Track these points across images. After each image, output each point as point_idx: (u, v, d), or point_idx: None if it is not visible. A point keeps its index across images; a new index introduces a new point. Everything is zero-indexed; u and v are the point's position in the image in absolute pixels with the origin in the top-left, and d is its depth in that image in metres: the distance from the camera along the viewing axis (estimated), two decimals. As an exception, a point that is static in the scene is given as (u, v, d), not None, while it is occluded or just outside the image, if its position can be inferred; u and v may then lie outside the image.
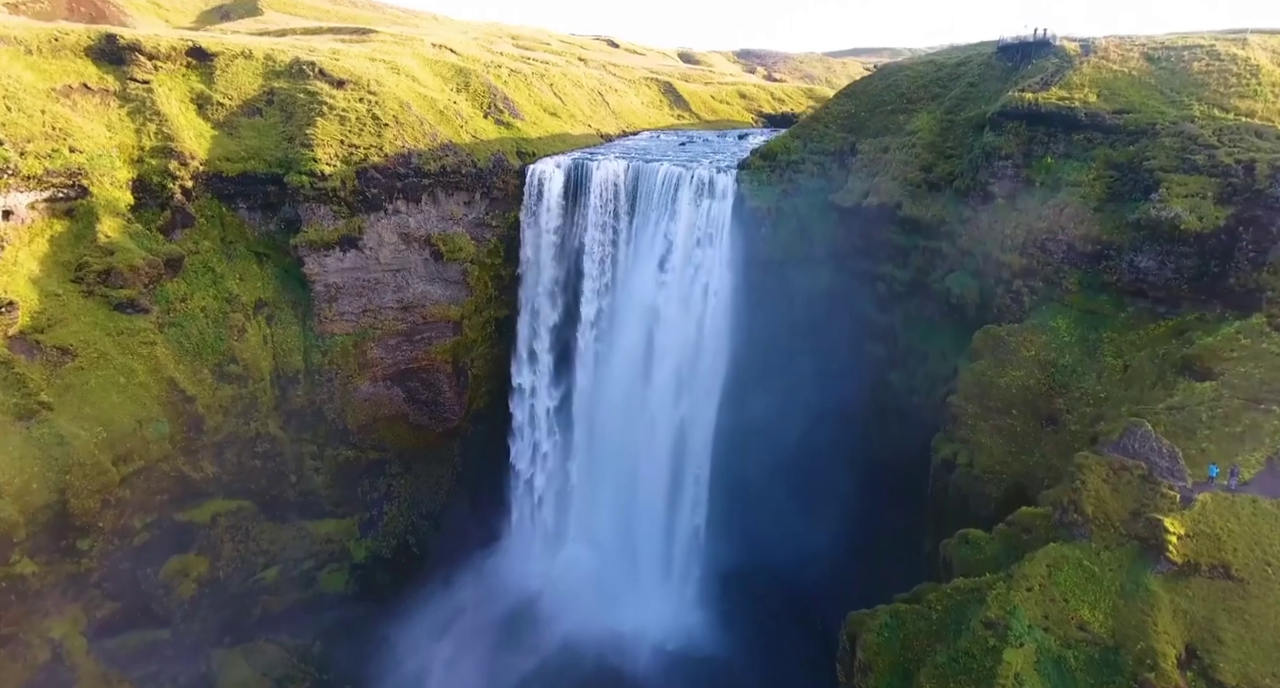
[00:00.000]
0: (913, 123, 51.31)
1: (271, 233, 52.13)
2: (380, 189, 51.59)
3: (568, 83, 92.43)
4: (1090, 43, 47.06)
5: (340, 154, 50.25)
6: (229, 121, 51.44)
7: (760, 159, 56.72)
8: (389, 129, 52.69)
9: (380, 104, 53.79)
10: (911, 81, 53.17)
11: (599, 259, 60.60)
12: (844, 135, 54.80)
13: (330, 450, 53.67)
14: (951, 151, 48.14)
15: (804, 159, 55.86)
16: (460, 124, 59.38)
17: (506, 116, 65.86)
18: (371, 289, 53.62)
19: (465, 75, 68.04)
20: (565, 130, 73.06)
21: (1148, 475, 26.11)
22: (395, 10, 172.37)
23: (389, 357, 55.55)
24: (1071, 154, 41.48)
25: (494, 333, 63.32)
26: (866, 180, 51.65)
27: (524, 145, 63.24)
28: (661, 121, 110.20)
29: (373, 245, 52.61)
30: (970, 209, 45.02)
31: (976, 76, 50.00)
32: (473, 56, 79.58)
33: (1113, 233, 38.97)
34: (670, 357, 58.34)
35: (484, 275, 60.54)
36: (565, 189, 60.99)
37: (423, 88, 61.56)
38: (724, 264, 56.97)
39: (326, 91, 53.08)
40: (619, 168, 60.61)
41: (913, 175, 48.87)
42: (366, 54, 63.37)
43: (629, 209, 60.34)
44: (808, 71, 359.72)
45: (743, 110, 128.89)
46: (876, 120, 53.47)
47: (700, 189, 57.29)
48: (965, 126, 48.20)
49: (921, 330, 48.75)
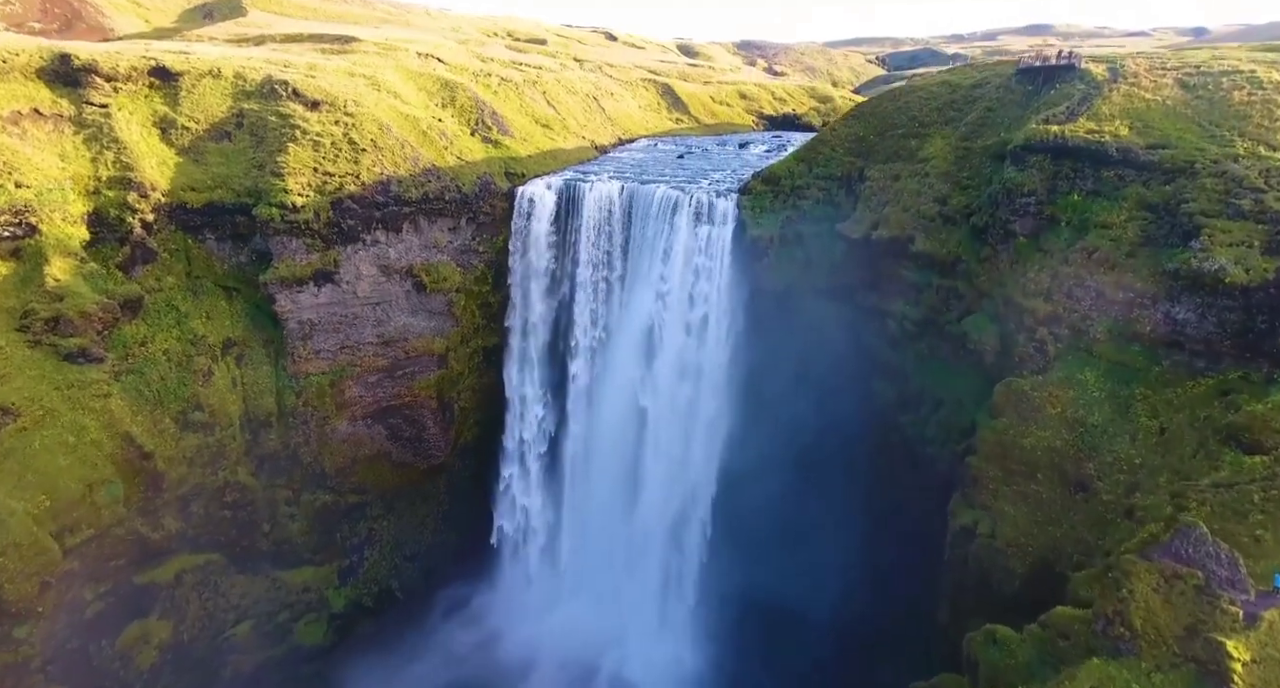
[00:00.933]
0: (925, 149, 48.09)
1: (242, 265, 48.85)
2: (357, 220, 48.30)
3: (561, 90, 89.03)
4: (1118, 66, 43.85)
5: (313, 183, 46.92)
6: (195, 147, 48.06)
7: (762, 184, 53.49)
8: (366, 154, 49.33)
9: (357, 127, 50.42)
10: (924, 104, 49.89)
11: (592, 286, 57.48)
12: (851, 160, 51.55)
13: (306, 496, 50.57)
14: (968, 182, 44.95)
15: (809, 185, 52.63)
16: (445, 145, 56.02)
17: (495, 133, 62.48)
18: (349, 325, 50.41)
19: (451, 89, 64.62)
20: (557, 145, 69.74)
21: (1204, 586, 23.11)
22: (386, 7, 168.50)
23: (369, 394, 52.39)
24: (1101, 192, 38.33)
25: (482, 363, 60.19)
26: (876, 210, 48.45)
27: (513, 165, 59.93)
28: (659, 126, 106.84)
29: (350, 279, 49.36)
30: (989, 247, 41.87)
31: (994, 101, 46.73)
32: (461, 65, 76.15)
33: (1147, 280, 35.88)
34: (668, 389, 55.41)
35: (471, 304, 57.38)
36: (556, 212, 57.84)
37: (405, 105, 58.15)
38: (724, 293, 53.89)
39: (300, 114, 49.67)
40: (613, 189, 57.43)
41: (926, 207, 45.68)
42: (346, 68, 59.92)
43: (623, 233, 57.22)
44: (809, 64, 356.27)
45: (743, 112, 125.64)
46: (887, 145, 50.21)
47: (699, 213, 54.18)
48: (983, 156, 45.00)
49: (935, 372, 45.68)
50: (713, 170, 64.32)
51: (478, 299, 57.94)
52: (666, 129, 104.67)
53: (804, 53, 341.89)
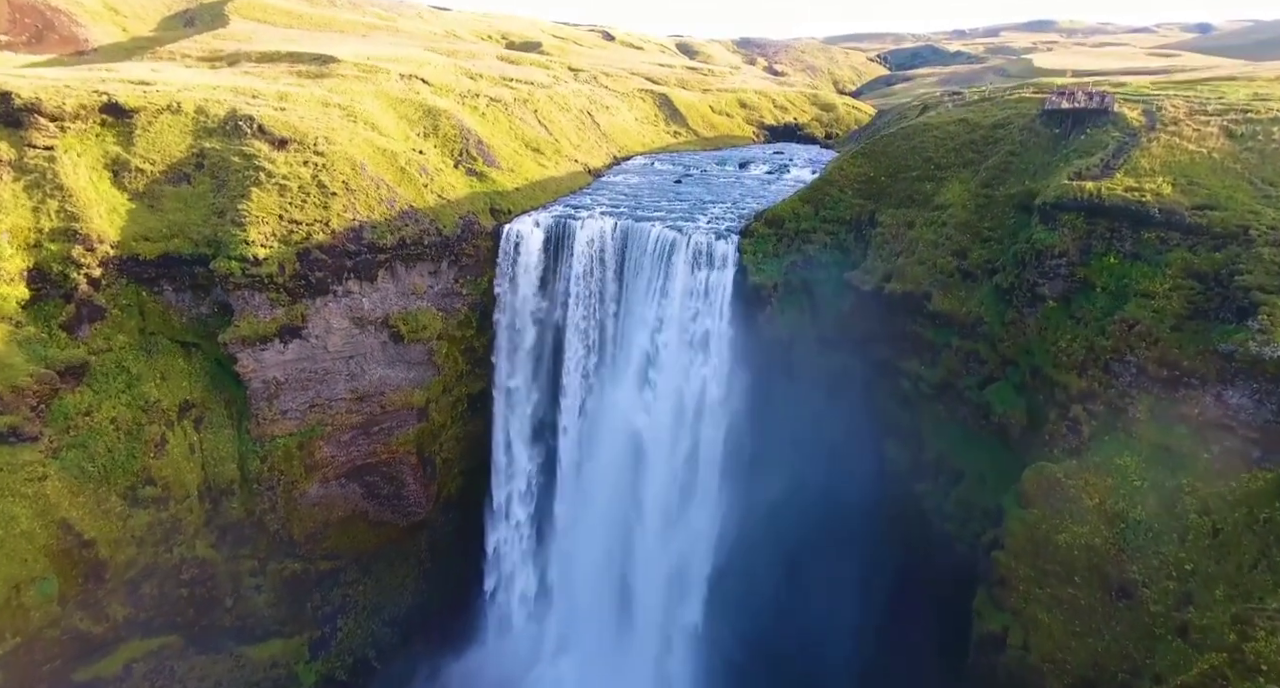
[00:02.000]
0: (942, 194, 44.47)
1: (203, 317, 45.08)
2: (326, 271, 44.54)
3: (554, 107, 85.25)
4: (1154, 109, 40.28)
5: (278, 233, 43.10)
6: (150, 191, 44.23)
7: (765, 226, 49.84)
8: (337, 199, 45.54)
9: (328, 167, 46.60)
10: (939, 144, 46.25)
11: (583, 331, 53.85)
12: (861, 202, 47.92)
13: (273, 565, 46.86)
14: (989, 234, 41.33)
15: (815, 228, 49.01)
16: (425, 181, 52.21)
17: (480, 165, 58.70)
18: (319, 381, 46.67)
19: (434, 116, 60.81)
20: (548, 173, 65.96)
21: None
22: (376, 10, 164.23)
23: (341, 454, 48.66)
24: (1141, 255, 34.73)
25: (466, 411, 56.50)
26: (888, 260, 44.85)
27: (499, 200, 56.17)
28: (657, 141, 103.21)
29: (319, 333, 45.60)
30: (1014, 310, 38.27)
31: (1017, 144, 43.10)
32: (446, 85, 72.38)
33: (1194, 359, 32.32)
34: (664, 441, 51.80)
35: (453, 351, 53.67)
36: (545, 251, 54.18)
37: (383, 137, 54.32)
38: (723, 341, 50.25)
39: (265, 154, 45.84)
40: (605, 227, 53.80)
41: (943, 261, 42.07)
42: (320, 97, 56.05)
43: (617, 275, 53.60)
44: (809, 62, 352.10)
45: (743, 122, 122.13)
46: (899, 188, 46.59)
47: (697, 256, 50.55)
48: (1005, 205, 41.39)
49: (954, 439, 42.10)
50: (712, 201, 60.68)
51: (461, 344, 54.25)
52: (664, 144, 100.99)
53: (804, 51, 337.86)
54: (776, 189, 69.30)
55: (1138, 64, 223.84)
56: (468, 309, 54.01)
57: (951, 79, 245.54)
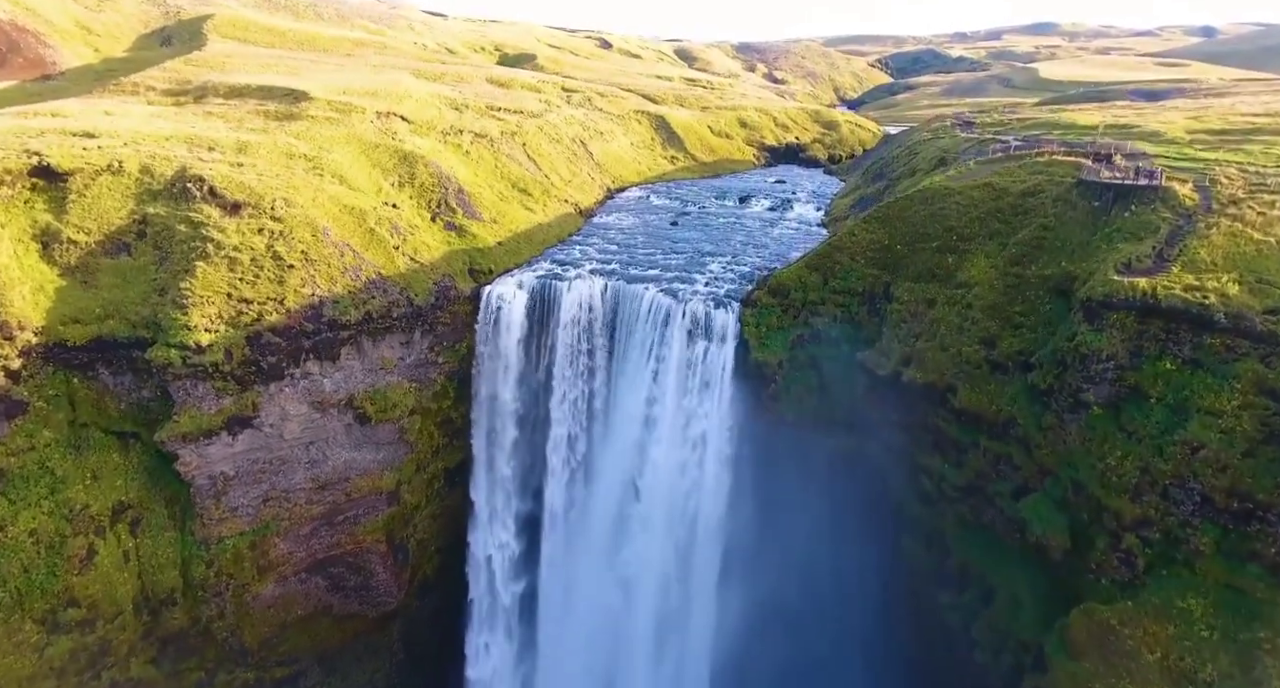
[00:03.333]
0: (966, 270, 39.98)
1: (145, 402, 40.36)
2: (281, 354, 39.94)
3: (544, 139, 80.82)
4: (1209, 184, 35.83)
5: (226, 314, 38.50)
6: (84, 265, 39.62)
7: (769, 295, 45.33)
8: (294, 272, 40.94)
9: (286, 234, 42.01)
10: (962, 212, 41.77)
11: (570, 404, 49.36)
12: (874, 273, 43.43)
13: (223, 677, 42.21)
14: (1021, 320, 36.85)
15: (824, 300, 44.52)
16: (397, 242, 47.62)
17: (459, 217, 54.14)
18: (275, 472, 42.05)
19: (411, 163, 56.22)
20: (535, 219, 61.41)
21: None
22: (364, 23, 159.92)
23: (301, 549, 44.02)
24: (1202, 363, 30.26)
25: (444, 487, 51.90)
26: (906, 342, 40.37)
27: (479, 258, 51.59)
28: (653, 168, 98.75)
29: (274, 421, 41.00)
30: (1053, 414, 33.77)
31: (1051, 217, 38.62)
32: (428, 122, 67.86)
33: (1272, 492, 27.89)
34: (659, 530, 47.27)
35: (428, 425, 49.08)
36: (529, 315, 49.65)
37: (351, 192, 49.74)
38: (723, 421, 45.87)
39: (215, 221, 41.25)
40: (594, 289, 49.36)
41: (969, 349, 37.58)
42: (284, 146, 51.44)
43: (607, 344, 49.15)
44: (810, 69, 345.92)
45: (743, 144, 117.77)
46: (917, 259, 42.10)
47: (695, 327, 46.08)
48: (1039, 288, 36.91)
49: (982, 547, 37.57)
50: (711, 254, 56.21)
51: (437, 417, 49.67)
52: (660, 172, 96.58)
53: (804, 56, 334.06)
54: (779, 233, 64.97)
55: (1146, 76, 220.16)
56: (444, 378, 49.43)
57: (955, 88, 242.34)
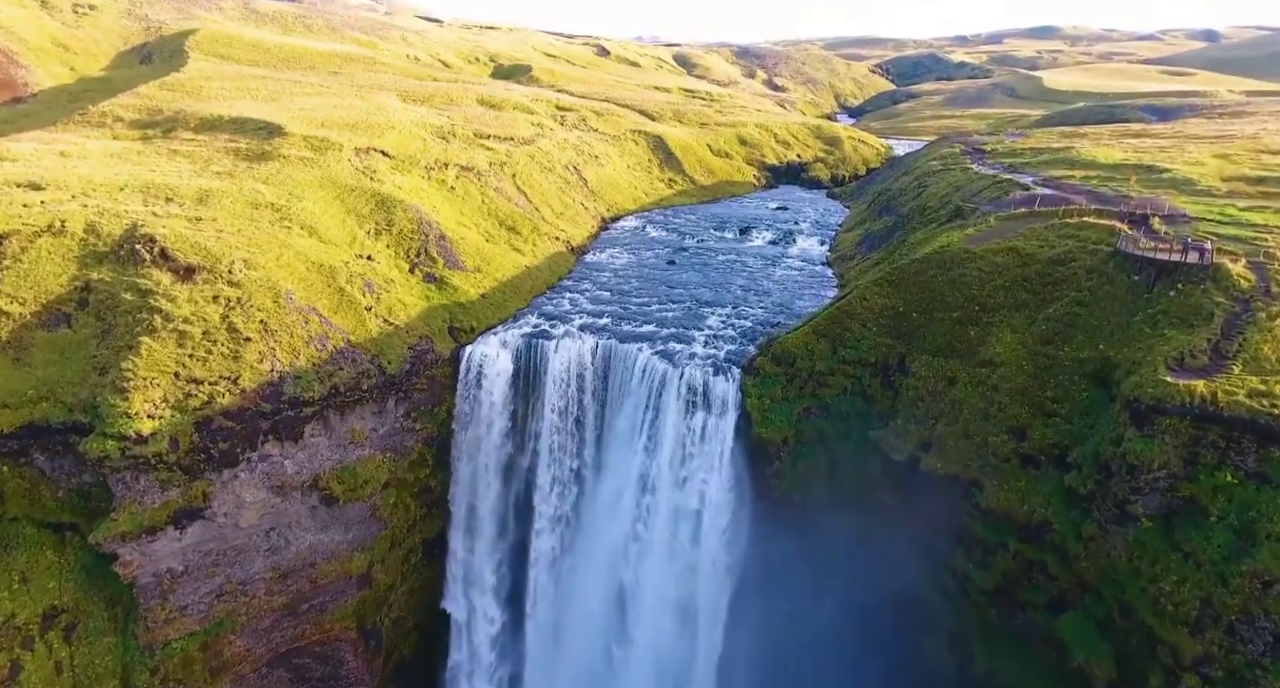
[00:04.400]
0: (990, 345, 36.25)
1: (85, 487, 36.65)
2: (236, 439, 36.16)
3: (535, 168, 77.24)
4: (1262, 258, 32.12)
5: (172, 397, 34.71)
6: (18, 339, 35.82)
7: (773, 363, 41.58)
8: (252, 345, 37.16)
9: (244, 302, 38.22)
10: (984, 279, 38.03)
11: (556, 478, 45.71)
12: (888, 343, 39.69)
13: (174, 789, 38.41)
14: (1054, 408, 33.13)
15: (833, 370, 40.77)
16: (370, 302, 43.89)
17: (440, 267, 50.46)
18: (230, 563, 38.26)
19: (389, 208, 52.51)
20: (523, 263, 57.73)
21: None
22: (355, 36, 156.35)
23: (260, 644, 40.24)
24: (1271, 479, 26.55)
25: (421, 560, 48.15)
26: (924, 424, 36.64)
27: (460, 315, 47.86)
28: (650, 193, 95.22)
29: (228, 510, 37.20)
30: (1095, 523, 30.05)
31: (1086, 291, 34.91)
32: (411, 156, 64.14)
33: (1357, 638, 24.22)
34: (649, 620, 43.55)
35: (404, 497, 45.35)
36: (513, 378, 46.03)
37: (321, 245, 46.00)
38: (722, 501, 42.21)
39: (166, 288, 37.47)
40: (584, 350, 45.77)
41: (996, 439, 33.87)
42: (250, 194, 47.68)
43: (597, 413, 45.52)
44: (810, 75, 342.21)
45: (743, 163, 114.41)
46: (935, 330, 38.38)
47: (692, 396, 42.44)
48: (1074, 373, 33.21)
49: (1013, 658, 33.81)
50: (710, 303, 52.74)
51: (414, 488, 45.96)
52: (658, 197, 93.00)
53: (804, 62, 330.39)
54: (781, 275, 61.42)
55: (1153, 86, 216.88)
56: (422, 446, 45.77)
57: (958, 98, 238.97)
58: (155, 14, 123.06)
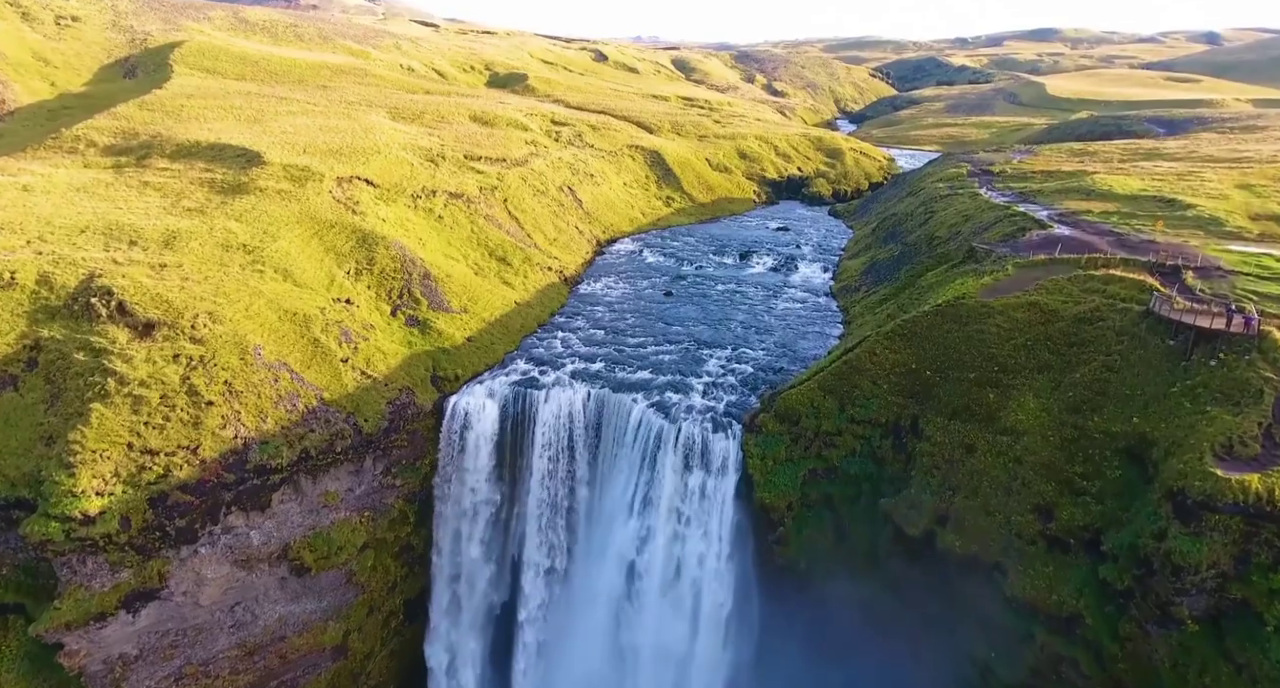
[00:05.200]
0: (1012, 411, 33.50)
1: (31, 563, 33.85)
2: (195, 513, 33.34)
3: (528, 192, 74.50)
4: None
5: (124, 471, 31.92)
6: (-41, 406, 33.11)
7: (776, 421, 38.81)
8: (214, 410, 34.36)
9: (206, 362, 35.42)
10: (1003, 337, 35.28)
11: (545, 538, 42.96)
12: (900, 402, 36.93)
13: None
14: (1084, 485, 30.40)
15: (841, 430, 37.99)
16: (347, 353, 41.10)
17: (424, 309, 47.71)
18: (191, 643, 35.44)
19: (370, 245, 49.76)
20: (512, 298, 54.94)
21: None
22: (348, 44, 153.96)
23: (226, 726, 37.49)
24: (1333, 585, 23.87)
25: (403, 622, 45.33)
26: (940, 494, 33.90)
27: (445, 361, 45.09)
28: (647, 211, 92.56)
29: (188, 588, 34.38)
30: (1133, 623, 27.33)
31: (1116, 355, 32.18)
32: (396, 184, 61.35)
33: None
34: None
35: (383, 558, 42.57)
36: (500, 434, 43.24)
37: (296, 290, 43.22)
38: (721, 568, 39.47)
39: (122, 347, 34.68)
40: (575, 400, 43.05)
41: (1021, 518, 31.13)
42: (222, 235, 44.88)
43: (589, 469, 42.77)
44: (810, 79, 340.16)
45: (743, 178, 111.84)
46: (951, 390, 35.63)
47: (690, 454, 39.69)
48: (1105, 447, 30.47)
49: (1035, 758, 31.09)
50: (709, 343, 50.23)
51: (394, 547, 43.18)
52: (655, 217, 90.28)
53: (804, 66, 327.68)
54: (784, 308, 58.75)
55: (1158, 94, 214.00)
56: (403, 502, 42.96)
57: (960, 104, 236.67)
58: (141, 25, 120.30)
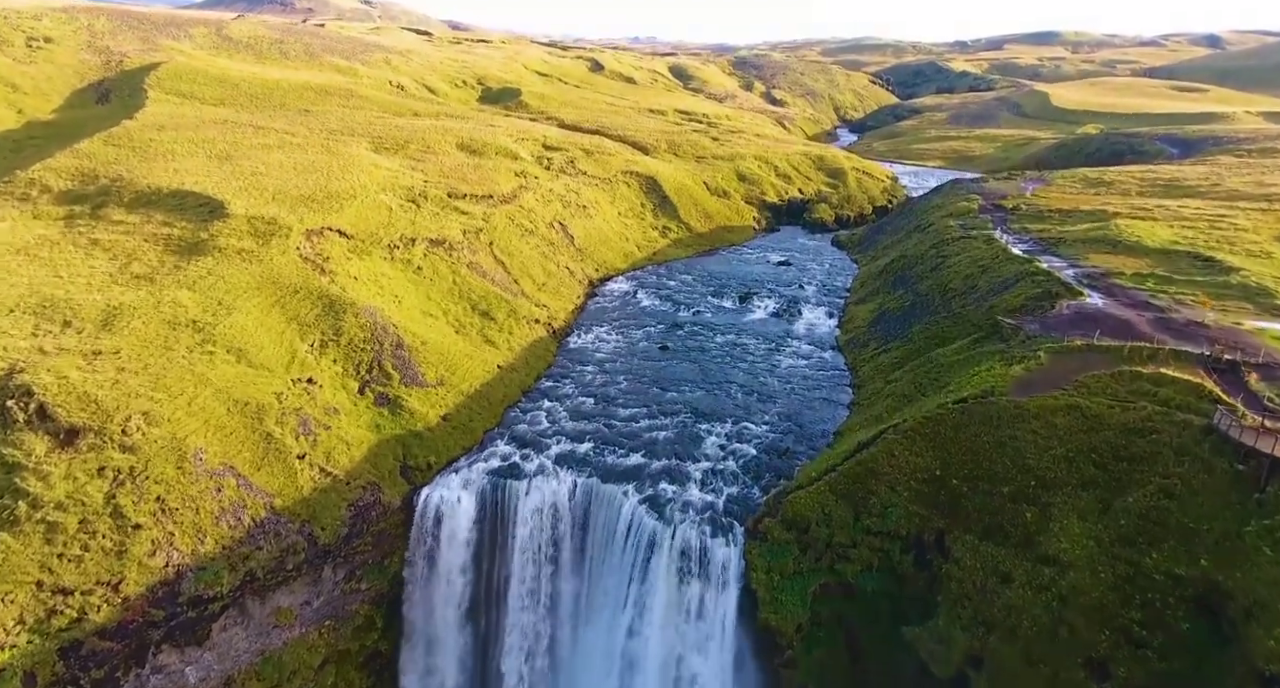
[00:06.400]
0: (1053, 536, 29.29)
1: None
2: (117, 660, 29.14)
3: (514, 233, 70.40)
4: None
5: (31, 616, 27.68)
6: None
7: (783, 528, 34.63)
8: (144, 533, 30.17)
9: (137, 475, 31.22)
10: (1041, 445, 31.07)
11: (525, 654, 38.80)
12: (923, 513, 32.74)
13: None
14: (1144, 637, 26.19)
15: (855, 541, 33.78)
16: (305, 447, 36.93)
17: (395, 385, 43.58)
18: (121, 796, 31.24)
19: (338, 312, 45.63)
20: (496, 360, 50.93)
21: None
22: (335, 61, 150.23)
23: None
24: None
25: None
26: (972, 629, 29.69)
27: (416, 447, 40.98)
28: (643, 243, 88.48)
29: (113, 739, 30.19)
30: None
31: (1175, 479, 27.99)
32: (372, 233, 57.37)
33: None
34: None
35: (346, 670, 38.37)
36: (477, 530, 39.26)
37: (250, 374, 39.02)
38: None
39: (38, 461, 30.47)
40: (561, 491, 39.19)
41: (1069, 673, 26.90)
42: (169, 310, 40.67)
43: (575, 572, 38.66)
44: (809, 86, 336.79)
45: (742, 204, 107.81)
46: (981, 505, 31.45)
47: (686, 562, 35.56)
48: (1169, 592, 26.23)
49: None
50: (707, 415, 46.55)
51: (359, 658, 38.93)
52: (651, 250, 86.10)
53: (803, 73, 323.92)
54: (787, 367, 54.66)
55: (1164, 105, 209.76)
56: (368, 607, 38.75)
57: (963, 115, 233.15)
58: (118, 45, 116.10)
